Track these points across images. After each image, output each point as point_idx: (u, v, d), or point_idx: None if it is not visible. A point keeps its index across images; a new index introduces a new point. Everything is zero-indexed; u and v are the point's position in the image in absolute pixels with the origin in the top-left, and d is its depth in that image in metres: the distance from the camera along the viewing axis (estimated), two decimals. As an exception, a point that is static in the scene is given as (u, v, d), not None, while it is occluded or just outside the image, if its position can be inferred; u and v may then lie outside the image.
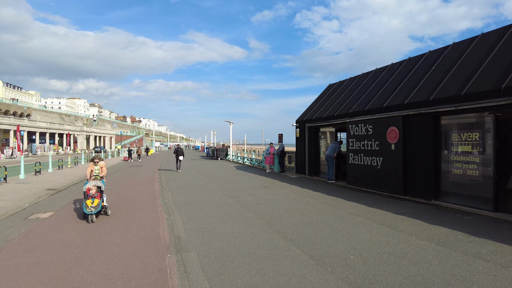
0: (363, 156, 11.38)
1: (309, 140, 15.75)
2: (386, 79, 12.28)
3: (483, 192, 7.77)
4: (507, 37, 8.49)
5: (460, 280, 3.94)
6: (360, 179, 11.55)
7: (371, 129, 10.98)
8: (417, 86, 10.05)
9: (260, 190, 11.44)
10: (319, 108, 15.77)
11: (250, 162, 26.07)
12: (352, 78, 15.70)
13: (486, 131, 7.77)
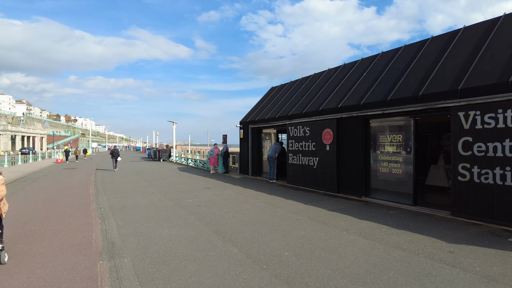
0: (301, 156, 11.90)
1: (253, 141, 16.02)
2: (323, 84, 12.96)
3: (405, 188, 8.59)
4: (424, 49, 9.50)
5: (380, 269, 4.34)
6: (299, 178, 12.06)
7: (309, 130, 11.53)
8: (350, 91, 10.77)
9: (203, 191, 11.37)
10: (261, 110, 16.11)
11: (194, 163, 25.70)
12: (292, 81, 16.30)
13: (408, 133, 8.58)
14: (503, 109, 6.23)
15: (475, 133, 6.68)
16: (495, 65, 6.89)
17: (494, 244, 5.27)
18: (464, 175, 6.86)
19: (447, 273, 4.17)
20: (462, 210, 6.93)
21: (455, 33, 8.99)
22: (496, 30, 7.76)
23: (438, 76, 8.03)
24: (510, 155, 6.13)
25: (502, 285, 3.81)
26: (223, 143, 19.93)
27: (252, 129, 15.94)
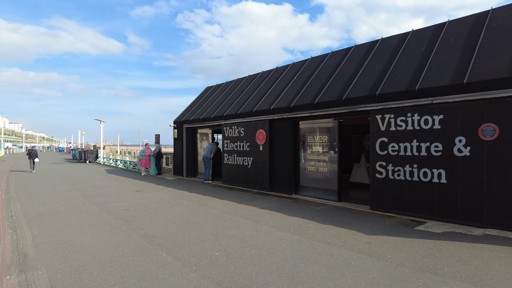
0: (236, 156, 12.02)
1: (187, 141, 15.72)
2: (257, 85, 13.25)
3: (331, 185, 9.19)
4: (349, 56, 10.27)
5: (306, 262, 4.59)
6: (234, 178, 12.17)
7: (243, 131, 11.70)
8: (281, 93, 11.18)
9: (132, 194, 10.83)
10: (197, 109, 15.90)
11: (124, 165, 24.33)
12: (228, 82, 16.37)
13: (333, 134, 9.19)
14: (411, 113, 7.03)
15: (390, 134, 7.42)
16: (406, 74, 7.73)
17: (403, 233, 5.91)
18: (381, 172, 7.58)
19: (364, 262, 4.57)
20: (379, 204, 7.64)
21: (374, 43, 9.88)
22: (406, 43, 8.71)
23: (359, 81, 8.75)
24: (417, 154, 6.94)
25: (407, 269, 4.29)
26: (156, 143, 19.21)
27: (186, 128, 15.64)
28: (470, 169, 6.24)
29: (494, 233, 5.80)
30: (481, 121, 6.10)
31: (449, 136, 6.50)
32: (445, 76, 6.93)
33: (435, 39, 8.09)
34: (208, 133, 15.37)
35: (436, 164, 6.67)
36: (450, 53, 7.37)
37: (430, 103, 6.73)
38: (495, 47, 6.70)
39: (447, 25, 8.22)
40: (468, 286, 3.81)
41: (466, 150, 6.28)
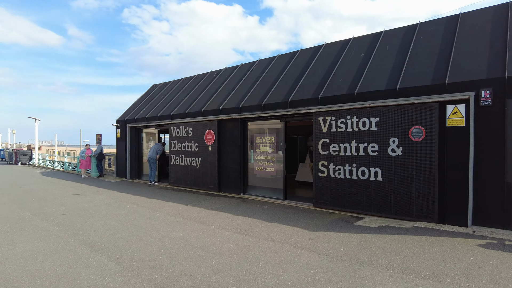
0: (184, 157, 11.81)
1: (131, 141, 15.07)
2: (205, 85, 13.14)
3: (277, 184, 9.43)
4: (295, 59, 10.61)
5: (251, 261, 4.67)
6: (181, 179, 11.94)
7: (191, 131, 11.53)
8: (230, 94, 11.22)
9: (71, 198, 10.13)
10: (142, 108, 15.32)
11: (62, 167, 22.62)
12: (175, 80, 16.00)
13: (279, 135, 9.44)
14: (351, 116, 7.48)
15: (331, 135, 7.82)
16: (346, 79, 8.21)
17: (344, 229, 6.27)
18: (323, 171, 7.96)
19: (307, 258, 4.77)
20: (322, 202, 8.02)
21: (318, 48, 10.33)
22: (347, 49, 9.25)
23: (304, 84, 9.09)
24: (356, 154, 7.41)
25: (345, 262, 4.57)
26: (98, 143, 18.15)
27: (131, 128, 14.99)
28: (402, 168, 6.82)
29: (421, 225, 6.40)
30: (411, 123, 6.70)
31: (384, 137, 7.03)
32: (381, 81, 7.48)
33: (373, 47, 8.69)
34: (155, 133, 14.88)
35: (372, 163, 7.18)
36: (386, 60, 7.98)
37: (368, 106, 7.23)
38: (422, 56, 7.39)
39: (383, 34, 8.88)
40: (397, 274, 4.16)
41: (399, 150, 6.85)
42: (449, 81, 6.46)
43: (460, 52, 6.91)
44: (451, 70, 6.65)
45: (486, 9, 7.47)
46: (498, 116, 6.00)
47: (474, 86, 6.17)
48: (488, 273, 4.16)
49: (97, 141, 18.27)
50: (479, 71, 6.32)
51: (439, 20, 8.16)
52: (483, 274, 4.15)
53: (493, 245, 5.21)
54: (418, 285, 3.87)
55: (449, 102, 6.35)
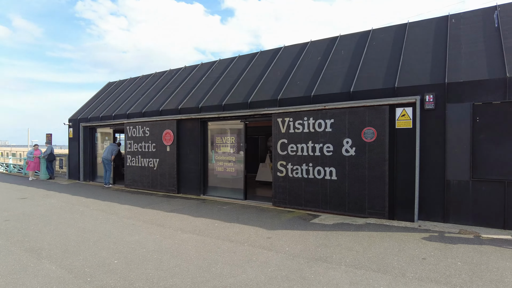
0: (141, 158, 11.46)
1: (85, 141, 14.32)
2: (164, 84, 12.84)
3: (238, 184, 9.46)
4: (255, 60, 10.71)
5: (209, 262, 4.66)
6: (138, 181, 11.58)
7: (149, 131, 11.22)
8: (190, 93, 11.07)
9: (16, 203, 9.42)
10: (96, 106, 14.63)
11: (6, 169, 20.94)
12: (132, 78, 15.47)
13: (240, 135, 9.48)
14: (307, 117, 7.72)
15: (289, 136, 8.01)
16: (304, 81, 8.45)
17: (301, 227, 6.46)
18: (282, 171, 8.13)
19: (264, 256, 4.85)
20: (280, 201, 8.18)
21: (278, 50, 10.52)
22: (305, 52, 9.52)
23: (264, 86, 9.22)
24: (312, 154, 7.65)
25: (302, 259, 4.72)
26: (47, 143, 17.03)
27: (84, 127, 14.25)
28: (355, 167, 7.15)
29: (373, 222, 6.76)
30: (364, 125, 7.05)
31: (338, 138, 7.33)
32: (336, 84, 7.79)
33: (329, 51, 9.03)
34: (110, 132, 14.27)
35: (328, 162, 7.46)
36: (341, 64, 8.32)
37: (323, 108, 7.50)
38: (374, 61, 7.81)
39: (339, 39, 9.25)
40: (350, 269, 4.37)
41: (352, 150, 7.18)
42: (398, 86, 6.90)
43: (408, 58, 7.40)
44: (400, 75, 7.10)
45: (429, 20, 8.06)
46: (440, 118, 6.51)
47: (420, 91, 6.64)
48: (430, 263, 4.51)
49: (47, 141, 17.14)
50: (424, 77, 6.81)
51: (389, 28, 8.67)
52: (426, 264, 4.49)
53: (435, 238, 5.65)
54: (369, 278, 4.09)
55: (398, 105, 6.77)
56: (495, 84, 6.06)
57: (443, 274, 4.17)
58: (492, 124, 6.12)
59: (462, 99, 6.32)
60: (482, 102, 6.17)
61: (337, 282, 3.97)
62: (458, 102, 6.35)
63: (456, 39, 7.19)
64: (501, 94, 6.01)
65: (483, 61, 6.46)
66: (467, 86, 6.28)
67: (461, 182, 6.36)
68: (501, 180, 6.05)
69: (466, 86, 6.29)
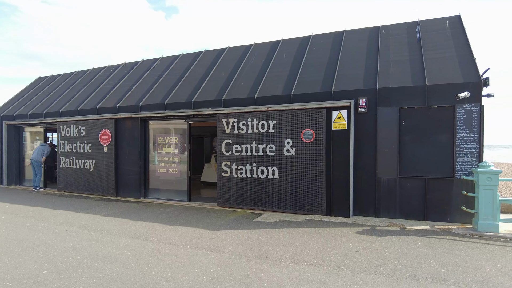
0: (75, 159, 10.70)
1: (9, 141, 12.95)
2: (102, 80, 12.14)
3: (181, 186, 9.29)
4: (199, 60, 10.62)
5: (149, 266, 4.53)
6: (72, 184, 10.80)
7: (84, 130, 10.52)
8: (130, 91, 10.61)
9: None
10: (24, 103, 13.32)
11: None
12: (67, 74, 14.38)
13: (183, 135, 9.31)
14: (251, 118, 7.86)
15: (234, 137, 8.08)
16: (248, 83, 8.58)
17: (244, 226, 6.56)
18: (226, 171, 8.17)
19: (207, 258, 4.85)
20: (225, 201, 8.22)
21: (222, 51, 10.54)
22: (249, 54, 9.67)
23: (208, 85, 9.18)
24: (256, 154, 7.82)
25: (244, 258, 4.81)
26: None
27: (9, 126, 12.89)
28: (295, 166, 7.45)
29: (312, 218, 7.11)
30: (303, 126, 7.38)
31: (280, 139, 7.58)
32: (278, 87, 8.05)
33: (272, 54, 9.28)
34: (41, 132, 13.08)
35: (270, 162, 7.67)
36: (283, 68, 8.60)
37: (266, 110, 7.70)
38: (313, 66, 8.21)
39: (281, 43, 9.55)
40: (290, 265, 4.56)
41: (293, 151, 7.47)
42: (334, 90, 7.33)
43: (344, 64, 7.90)
44: (336, 79, 7.56)
45: (363, 29, 8.69)
46: (371, 121, 7.06)
47: (354, 95, 7.14)
48: (362, 255, 4.88)
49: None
50: (358, 82, 7.33)
51: (328, 34, 9.17)
52: (358, 256, 4.85)
53: (367, 231, 6.12)
54: (307, 272, 4.31)
55: (334, 108, 7.20)
56: (417, 91, 6.75)
57: (373, 265, 4.54)
58: (415, 126, 6.81)
59: (390, 103, 6.92)
60: (407, 106, 6.82)
61: (277, 278, 4.12)
62: (388, 106, 6.95)
63: (386, 48, 7.85)
64: (422, 99, 6.71)
65: (408, 69, 7.15)
66: (395, 91, 6.90)
67: (390, 179, 6.97)
68: (422, 177, 6.75)
69: (394, 91, 6.91)
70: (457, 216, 6.54)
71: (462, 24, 7.72)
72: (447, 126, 6.57)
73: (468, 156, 6.47)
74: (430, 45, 7.52)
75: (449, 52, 7.21)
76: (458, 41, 7.39)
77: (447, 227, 6.32)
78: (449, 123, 6.55)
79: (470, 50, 7.02)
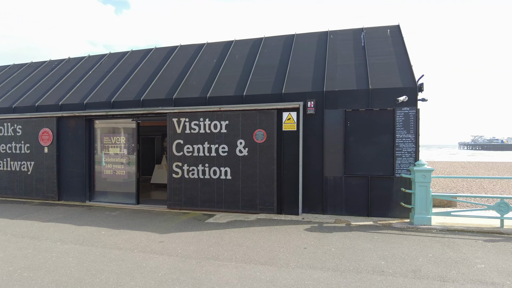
0: (10, 161, 9.81)
1: None
2: (42, 76, 11.27)
3: (129, 188, 8.92)
4: (149, 57, 10.28)
5: (93, 273, 4.31)
6: (7, 188, 9.89)
7: (21, 130, 9.69)
8: (74, 87, 9.97)
9: None
10: None
11: None
12: (0, 67, 13.12)
13: (132, 135, 8.95)
14: (203, 118, 7.79)
15: (185, 137, 7.94)
16: (200, 82, 8.49)
17: (195, 228, 6.48)
18: (177, 172, 8.01)
19: (155, 261, 4.72)
20: (176, 203, 8.05)
21: (174, 48, 10.31)
22: (201, 53, 9.57)
23: (158, 84, 8.92)
24: (208, 154, 7.76)
25: (194, 260, 4.75)
26: None
27: None
28: (247, 166, 7.52)
29: (263, 217, 7.22)
30: (255, 127, 7.47)
31: (232, 139, 7.61)
32: (230, 87, 8.06)
33: (224, 54, 9.26)
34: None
35: (223, 163, 7.67)
36: (235, 68, 8.63)
37: (219, 110, 7.68)
38: (265, 68, 8.34)
39: (234, 43, 9.57)
40: (240, 264, 4.60)
41: (245, 151, 7.53)
42: (285, 92, 7.52)
43: (294, 66, 8.13)
44: (287, 82, 7.75)
45: (313, 33, 9.02)
46: (319, 122, 7.35)
47: (303, 97, 7.38)
48: (310, 252, 5.07)
49: None
50: (307, 84, 7.58)
51: (279, 37, 9.37)
52: (306, 253, 5.03)
53: (315, 228, 6.36)
54: (257, 271, 4.38)
55: (284, 109, 7.39)
56: (361, 94, 7.15)
57: (319, 260, 4.73)
58: (359, 128, 7.21)
59: (337, 106, 7.26)
60: (352, 109, 7.20)
61: (227, 279, 4.14)
62: (334, 108, 7.27)
63: (333, 53, 8.22)
64: (365, 102, 7.12)
65: (353, 74, 7.55)
66: (341, 94, 7.25)
67: (336, 178, 7.31)
68: (366, 175, 7.16)
69: (340, 94, 7.25)
70: (397, 211, 7.04)
71: (401, 33, 8.32)
72: (388, 128, 7.04)
73: (406, 156, 6.99)
74: (373, 51, 8.01)
75: (390, 58, 7.73)
76: (398, 48, 7.95)
77: (388, 222, 6.78)
78: (390, 125, 7.03)
79: (407, 58, 7.60)
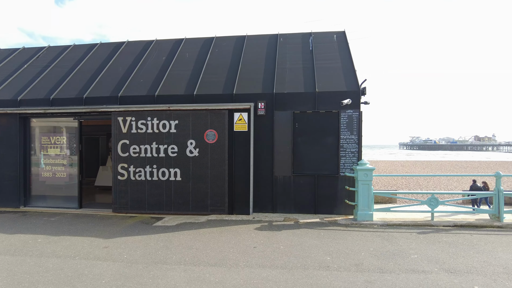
0: None
1: None
2: (-34, 68, 10.11)
3: (71, 191, 8.35)
4: (93, 53, 9.72)
5: (27, 285, 3.98)
6: None
7: None
8: (5, 82, 9.10)
9: None
10: None
11: None
12: None
13: (73, 135, 8.39)
14: (151, 117, 7.55)
15: (131, 137, 7.63)
16: (147, 80, 8.21)
17: (142, 231, 6.26)
18: (123, 174, 7.66)
19: (99, 268, 4.48)
20: (121, 206, 7.70)
21: (120, 44, 9.86)
22: (150, 50, 9.27)
23: (102, 81, 8.47)
24: (156, 155, 7.53)
25: (140, 265, 4.59)
26: None
27: None
28: (198, 167, 7.43)
29: (214, 218, 7.19)
30: (206, 127, 7.41)
31: (183, 139, 7.47)
32: (180, 86, 7.90)
33: (174, 52, 9.06)
34: None
35: (172, 164, 7.49)
36: (185, 67, 8.48)
37: (168, 109, 7.49)
38: (216, 68, 8.31)
39: (184, 41, 9.39)
40: (189, 267, 4.53)
41: (196, 151, 7.43)
42: (236, 92, 7.55)
43: (245, 67, 8.20)
44: (238, 82, 7.79)
45: (264, 35, 9.16)
46: (269, 123, 7.49)
47: (254, 98, 7.47)
48: (259, 251, 5.15)
49: None
50: (257, 86, 7.69)
51: (231, 37, 9.39)
52: (256, 252, 5.10)
53: (265, 227, 6.47)
54: (206, 273, 4.35)
55: (236, 110, 7.41)
56: (308, 97, 7.42)
57: (268, 259, 4.82)
58: (306, 129, 7.47)
59: (286, 107, 7.45)
60: (300, 111, 7.44)
61: (175, 283, 4.06)
62: (283, 110, 7.46)
63: (283, 56, 8.42)
64: (313, 105, 7.41)
65: (301, 77, 7.81)
66: (290, 97, 7.46)
67: (285, 177, 7.51)
68: (313, 174, 7.45)
69: (288, 97, 7.46)
70: (342, 208, 7.41)
71: (346, 39, 8.77)
72: (333, 129, 7.39)
73: (350, 156, 7.39)
74: (320, 55, 8.35)
75: (335, 63, 8.12)
76: (343, 53, 8.37)
77: (334, 219, 7.12)
78: (335, 126, 7.38)
79: (352, 62, 8.03)
